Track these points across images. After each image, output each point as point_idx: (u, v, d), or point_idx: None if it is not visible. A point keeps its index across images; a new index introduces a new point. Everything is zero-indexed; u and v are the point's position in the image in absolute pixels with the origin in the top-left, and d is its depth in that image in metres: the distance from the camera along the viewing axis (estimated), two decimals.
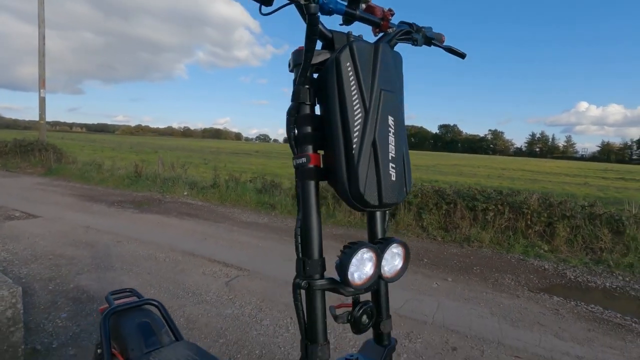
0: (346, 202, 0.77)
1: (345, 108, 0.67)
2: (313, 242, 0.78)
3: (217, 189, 10.05)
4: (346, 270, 0.72)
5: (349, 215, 7.95)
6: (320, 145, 0.77)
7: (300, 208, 0.78)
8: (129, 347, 1.21)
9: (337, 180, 0.73)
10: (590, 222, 6.11)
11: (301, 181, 0.77)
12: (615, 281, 5.00)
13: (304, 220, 0.78)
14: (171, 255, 5.05)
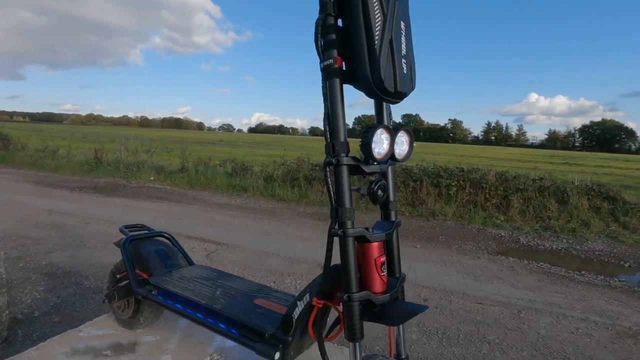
0: (368, 91, 0.91)
1: (369, 13, 0.82)
2: (339, 129, 0.90)
3: (185, 174, 9.85)
4: (370, 145, 0.88)
5: (320, 195, 8.16)
6: (341, 50, 0.90)
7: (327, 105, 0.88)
8: (152, 267, 1.30)
9: (361, 75, 0.87)
10: (540, 194, 6.75)
11: (328, 80, 0.90)
12: (560, 244, 5.61)
13: (332, 109, 0.89)
14: None
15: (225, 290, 1.23)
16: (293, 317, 0.97)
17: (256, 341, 1.00)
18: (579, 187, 6.74)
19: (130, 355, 1.29)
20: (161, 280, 1.27)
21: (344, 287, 0.89)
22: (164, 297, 1.23)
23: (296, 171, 8.89)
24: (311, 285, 0.98)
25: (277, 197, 8.35)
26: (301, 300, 0.98)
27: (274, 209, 7.34)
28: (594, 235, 5.94)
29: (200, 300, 1.14)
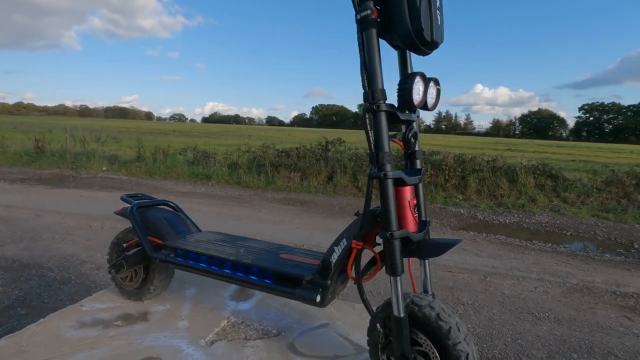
0: (405, 41, 0.94)
1: None
2: (377, 77, 0.93)
3: (142, 163, 9.33)
4: (411, 92, 0.92)
5: (288, 181, 8.15)
6: (376, 2, 0.92)
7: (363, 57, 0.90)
8: (164, 232, 1.26)
9: (399, 25, 0.90)
10: (493, 174, 7.29)
11: (365, 31, 0.92)
12: (512, 218, 6.13)
13: (369, 59, 0.90)
14: (108, 224, 4.70)
15: (247, 248, 1.23)
16: (331, 261, 1.01)
17: (294, 288, 1.02)
18: (526, 166, 7.38)
19: (144, 324, 1.25)
20: (178, 243, 1.23)
21: (385, 226, 0.94)
22: (184, 258, 1.20)
23: (261, 158, 8.78)
24: (347, 231, 1.02)
25: (243, 184, 8.20)
26: (338, 245, 1.02)
27: (241, 195, 7.21)
28: (540, 210, 6.55)
29: (227, 257, 1.14)
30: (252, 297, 1.45)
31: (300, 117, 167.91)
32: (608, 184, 7.02)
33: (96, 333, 1.17)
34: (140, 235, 1.24)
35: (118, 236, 1.37)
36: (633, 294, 3.27)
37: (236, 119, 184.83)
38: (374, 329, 0.97)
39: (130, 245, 1.31)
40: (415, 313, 0.92)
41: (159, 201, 1.41)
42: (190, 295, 1.44)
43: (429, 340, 0.89)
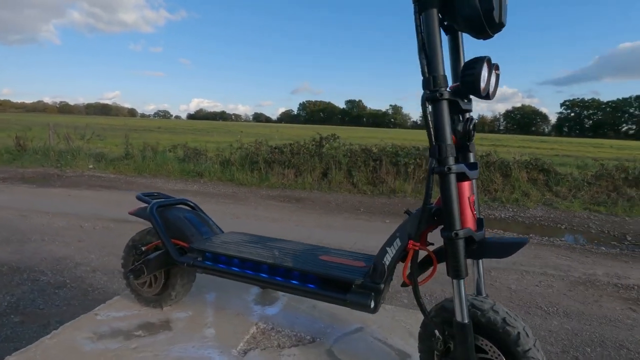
0: (469, 23, 0.86)
1: None
2: (438, 62, 0.85)
3: (131, 160, 9.07)
4: (479, 77, 0.85)
5: (282, 178, 8.05)
6: None
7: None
8: (187, 234, 1.16)
9: (466, 4, 0.82)
10: (487, 169, 7.35)
11: (425, 11, 0.84)
12: (507, 212, 6.19)
13: (429, 41, 0.83)
14: (99, 224, 4.53)
15: (280, 249, 1.14)
16: (384, 263, 0.94)
17: (344, 293, 0.95)
18: (519, 161, 7.46)
19: (167, 333, 1.16)
20: (205, 246, 1.14)
21: (447, 225, 0.87)
22: (214, 261, 1.10)
23: (254, 154, 8.64)
24: (400, 230, 0.96)
25: (237, 181, 8.06)
26: (391, 247, 0.95)
27: (235, 193, 7.08)
28: (534, 204, 6.64)
29: (263, 260, 1.05)
30: (277, 301, 1.38)
31: (288, 114, 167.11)
32: (598, 178, 7.17)
33: (117, 345, 1.07)
34: (163, 238, 1.15)
35: (134, 238, 1.27)
36: (634, 286, 3.32)
37: (222, 115, 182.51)
38: (430, 335, 0.91)
39: (149, 248, 1.21)
40: (478, 318, 0.86)
41: (177, 200, 1.31)
42: (212, 300, 1.35)
43: (495, 347, 0.83)
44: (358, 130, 64.07)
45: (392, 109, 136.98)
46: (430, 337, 0.91)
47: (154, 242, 1.20)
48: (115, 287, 2.88)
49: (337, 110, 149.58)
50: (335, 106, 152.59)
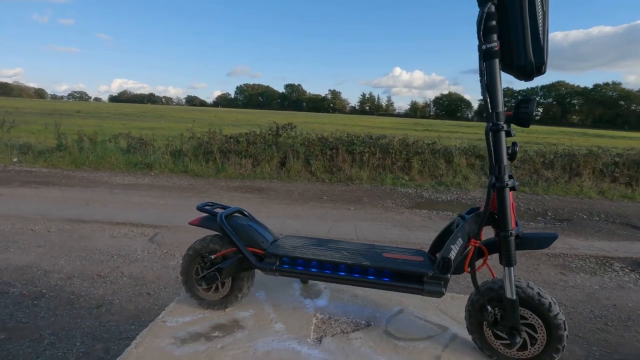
0: (522, 73, 1.08)
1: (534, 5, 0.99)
2: (499, 102, 1.07)
3: (65, 152, 8.20)
4: (531, 115, 1.08)
5: (239, 168, 7.95)
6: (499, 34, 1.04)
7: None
8: (259, 241, 1.24)
9: (521, 58, 1.03)
10: (433, 155, 8.05)
11: (489, 61, 1.04)
12: (452, 195, 6.91)
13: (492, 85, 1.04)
14: (52, 226, 4.16)
15: (345, 250, 1.30)
16: (450, 257, 1.15)
17: (420, 284, 1.14)
18: (460, 148, 8.29)
19: (243, 331, 1.25)
20: (279, 251, 1.24)
21: (503, 227, 1.11)
22: (292, 265, 1.22)
23: (208, 144, 8.37)
24: (461, 231, 1.17)
25: (191, 172, 7.78)
26: (455, 244, 1.16)
27: (192, 185, 6.86)
28: (473, 187, 7.49)
29: (341, 260, 1.20)
30: (322, 293, 1.53)
31: (224, 97, 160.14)
32: (522, 162, 8.27)
33: (203, 347, 1.15)
34: (240, 246, 1.22)
35: (194, 247, 1.31)
36: (559, 254, 4.05)
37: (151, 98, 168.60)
38: (481, 309, 1.16)
39: (219, 256, 1.27)
40: (519, 294, 1.13)
41: (234, 209, 1.38)
42: (263, 298, 1.47)
43: (534, 314, 1.11)
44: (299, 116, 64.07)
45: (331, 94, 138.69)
46: (481, 311, 1.16)
47: (221, 250, 1.26)
48: (100, 292, 2.77)
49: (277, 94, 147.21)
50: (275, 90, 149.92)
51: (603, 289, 3.22)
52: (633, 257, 4.02)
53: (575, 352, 2.30)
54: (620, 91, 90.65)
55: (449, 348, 1.22)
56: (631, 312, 2.80)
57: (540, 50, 1.05)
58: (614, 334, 2.51)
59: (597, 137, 34.95)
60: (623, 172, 7.79)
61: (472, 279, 1.18)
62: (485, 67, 1.08)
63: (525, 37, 1.04)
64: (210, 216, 1.32)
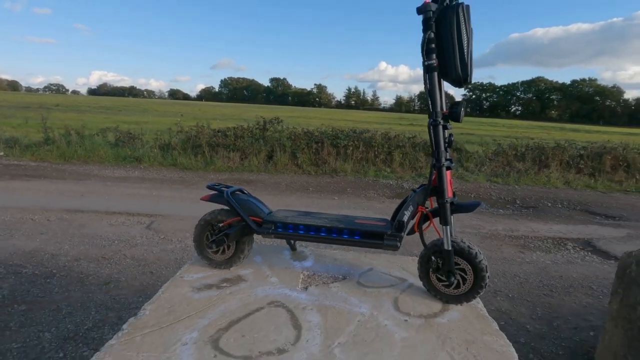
0: (454, 83, 1.44)
1: (461, 33, 1.33)
2: (438, 104, 1.42)
3: (53, 146, 8.27)
4: (460, 113, 1.44)
5: (228, 162, 8.20)
6: (436, 53, 1.38)
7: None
8: (257, 212, 1.57)
9: (453, 72, 1.39)
10: (413, 149, 8.48)
11: (430, 73, 1.39)
12: None
13: (432, 92, 1.39)
14: (52, 216, 4.37)
15: (326, 217, 1.63)
16: (404, 220, 1.50)
17: (381, 240, 1.49)
18: None
19: (246, 283, 1.58)
20: (273, 218, 1.57)
21: (441, 196, 1.47)
22: (284, 229, 1.54)
23: (197, 138, 8.58)
24: (412, 200, 1.52)
25: (180, 166, 7.99)
26: (407, 210, 1.50)
27: (182, 178, 7.09)
28: None
29: (322, 224, 1.53)
30: (308, 258, 1.87)
31: (208, 91, 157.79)
32: (497, 155, 8.80)
33: (216, 293, 1.47)
34: (244, 216, 1.54)
35: (205, 218, 1.62)
36: (521, 236, 4.51)
37: (132, 91, 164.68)
38: (428, 260, 1.52)
39: (226, 224, 1.58)
40: (455, 247, 1.49)
41: (237, 188, 1.69)
42: (260, 261, 1.79)
43: (464, 261, 1.47)
44: (284, 110, 64.00)
45: (317, 88, 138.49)
46: (427, 261, 1.52)
47: (227, 220, 1.58)
48: (107, 272, 3.05)
49: (262, 88, 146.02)
50: (260, 84, 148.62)
51: (554, 264, 3.68)
52: (585, 238, 4.52)
53: (522, 312, 2.72)
54: (595, 87, 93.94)
55: (406, 292, 1.59)
56: (574, 281, 3.26)
57: (465, 66, 1.41)
58: (556, 298, 2.96)
59: (573, 131, 36.40)
60: (587, 163, 8.41)
61: (420, 237, 1.54)
62: (428, 78, 1.43)
63: (455, 57, 1.40)
64: (218, 193, 1.63)
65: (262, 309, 1.39)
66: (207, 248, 1.62)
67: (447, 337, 1.29)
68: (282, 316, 1.35)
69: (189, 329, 1.24)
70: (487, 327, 1.37)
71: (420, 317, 1.40)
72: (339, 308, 1.43)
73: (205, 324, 1.28)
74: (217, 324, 1.28)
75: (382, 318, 1.38)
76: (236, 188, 1.69)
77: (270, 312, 1.37)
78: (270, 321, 1.31)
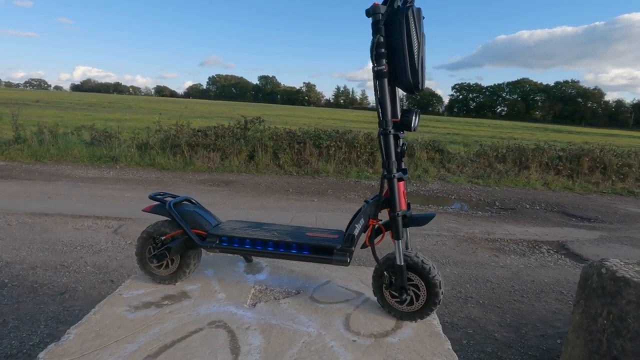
0: (406, 89, 1.36)
1: (411, 38, 1.26)
2: (388, 112, 1.34)
3: (24, 145, 7.96)
4: (411, 122, 1.36)
5: (207, 162, 8.03)
6: (387, 58, 1.31)
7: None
8: (202, 224, 1.46)
9: (403, 78, 1.31)
10: None
11: (380, 79, 1.31)
12: (412, 187, 7.34)
13: (382, 99, 1.32)
14: (13, 219, 4.17)
15: (276, 230, 1.54)
16: (354, 234, 1.42)
17: (330, 255, 1.40)
18: (421, 143, 8.75)
19: (189, 300, 1.48)
20: (219, 232, 1.47)
21: (392, 208, 1.39)
22: (229, 243, 1.44)
23: (176, 137, 8.38)
24: (363, 213, 1.44)
25: (158, 166, 7.79)
26: (358, 223, 1.43)
27: (159, 178, 6.91)
28: (432, 179, 7.97)
29: (269, 238, 1.44)
30: (263, 270, 1.78)
31: (196, 88, 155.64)
32: (478, 156, 8.85)
33: (154, 312, 1.37)
34: (186, 228, 1.44)
35: (147, 231, 1.51)
36: (497, 239, 4.51)
37: (117, 87, 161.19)
38: (380, 275, 1.44)
39: (169, 237, 1.48)
40: (408, 261, 1.42)
41: (183, 197, 1.58)
42: (212, 274, 1.69)
43: (417, 276, 1.40)
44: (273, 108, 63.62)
45: (306, 87, 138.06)
46: (380, 277, 1.45)
47: (170, 232, 1.47)
48: (64, 280, 2.90)
49: (250, 86, 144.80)
50: (248, 82, 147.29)
51: (527, 267, 3.68)
52: (559, 241, 4.55)
53: (491, 319, 2.69)
54: (578, 89, 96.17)
55: (360, 308, 1.51)
56: (545, 286, 3.25)
57: (416, 72, 1.34)
58: (526, 304, 2.94)
59: (556, 132, 37.18)
60: (566, 165, 8.52)
61: (372, 251, 1.46)
62: (378, 84, 1.35)
63: (405, 62, 1.32)
64: (160, 204, 1.53)
65: (200, 331, 1.29)
66: (149, 262, 1.51)
67: (394, 359, 1.22)
68: (221, 338, 1.26)
69: (113, 357, 1.14)
70: (438, 346, 1.30)
71: (370, 337, 1.33)
72: (285, 327, 1.34)
73: (132, 350, 1.17)
74: (146, 350, 1.18)
75: (329, 339, 1.30)
76: (182, 198, 1.59)
77: (208, 334, 1.27)
78: (206, 345, 1.22)
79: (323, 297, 1.57)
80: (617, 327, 1.60)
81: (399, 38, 1.31)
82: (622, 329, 1.57)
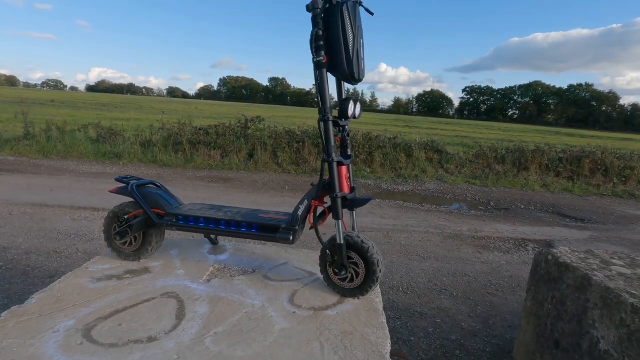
0: (343, 78, 1.46)
1: (346, 31, 1.36)
2: (326, 100, 1.43)
3: (33, 141, 8.25)
4: (347, 109, 1.46)
5: (208, 159, 8.20)
6: (326, 50, 1.41)
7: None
8: (162, 204, 1.58)
9: (340, 68, 1.41)
10: (394, 149, 8.51)
11: (319, 70, 1.42)
12: (408, 187, 7.39)
13: (321, 88, 1.42)
14: (15, 209, 4.37)
15: (231, 211, 1.64)
16: (298, 214, 1.52)
17: (275, 233, 1.51)
18: (420, 143, 8.78)
19: (149, 274, 1.60)
20: (177, 211, 1.58)
21: (332, 190, 1.48)
22: (185, 221, 1.56)
23: (178, 135, 8.58)
24: (307, 195, 1.54)
25: (160, 162, 7.99)
26: (302, 204, 1.52)
27: (160, 175, 7.10)
28: (429, 179, 7.99)
29: (221, 217, 1.55)
30: (226, 251, 1.89)
31: (207, 89, 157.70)
32: (477, 157, 8.84)
33: (114, 283, 1.49)
34: (145, 207, 1.56)
35: (114, 211, 1.63)
36: (484, 237, 4.54)
37: (131, 88, 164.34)
38: (324, 254, 1.53)
39: (131, 216, 1.60)
40: (349, 241, 1.51)
41: (148, 181, 1.71)
42: (176, 254, 1.81)
43: (357, 255, 1.50)
44: (282, 110, 63.96)
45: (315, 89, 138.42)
46: (325, 256, 1.54)
47: (133, 212, 1.60)
48: (55, 265, 3.06)
49: (260, 87, 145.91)
50: (259, 84, 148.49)
51: (508, 264, 3.71)
52: (547, 240, 4.56)
53: (462, 310, 2.75)
54: (592, 92, 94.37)
55: (308, 286, 1.61)
56: (522, 282, 3.29)
57: (351, 63, 1.43)
58: (500, 297, 2.99)
59: (568, 136, 36.55)
60: (566, 167, 8.45)
61: (315, 232, 1.56)
62: (318, 74, 1.45)
63: (341, 53, 1.42)
64: (125, 186, 1.65)
65: (153, 300, 1.40)
66: (114, 239, 1.64)
67: (327, 328, 1.31)
68: (170, 307, 1.37)
69: (68, 318, 1.26)
70: (372, 320, 1.39)
71: (310, 310, 1.42)
72: (232, 300, 1.45)
73: (87, 313, 1.29)
74: (99, 313, 1.30)
75: (271, 310, 1.40)
76: (147, 181, 1.71)
77: (159, 303, 1.39)
78: (155, 311, 1.33)
79: (277, 276, 1.67)
80: (559, 311, 1.66)
81: (335, 31, 1.41)
82: (563, 313, 1.63)
